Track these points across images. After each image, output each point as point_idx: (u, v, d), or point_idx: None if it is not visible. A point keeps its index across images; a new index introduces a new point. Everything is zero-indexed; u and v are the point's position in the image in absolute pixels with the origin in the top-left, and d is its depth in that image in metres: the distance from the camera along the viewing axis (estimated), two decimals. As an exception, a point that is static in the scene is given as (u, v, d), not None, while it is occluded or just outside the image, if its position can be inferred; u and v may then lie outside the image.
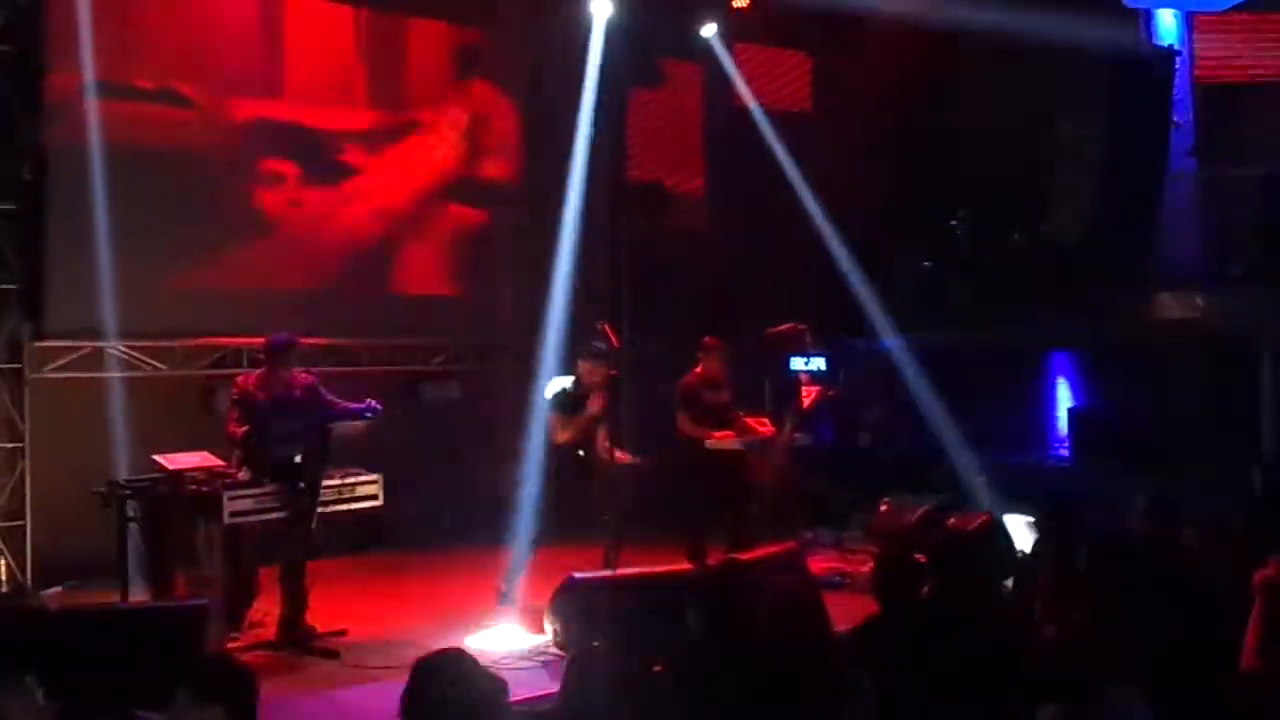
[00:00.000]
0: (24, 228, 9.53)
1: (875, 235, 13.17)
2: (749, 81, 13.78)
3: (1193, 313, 10.71)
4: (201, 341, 10.48)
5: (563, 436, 9.02)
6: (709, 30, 12.85)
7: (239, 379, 8.44)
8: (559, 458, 9.12)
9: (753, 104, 13.43)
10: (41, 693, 3.97)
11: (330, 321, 11.12)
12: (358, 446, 8.73)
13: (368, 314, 11.50)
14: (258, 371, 8.39)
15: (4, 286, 9.61)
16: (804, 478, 11.42)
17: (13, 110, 9.46)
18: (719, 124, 13.80)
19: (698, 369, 9.75)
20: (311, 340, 10.52)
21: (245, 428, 8.01)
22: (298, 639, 7.86)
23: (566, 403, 9.15)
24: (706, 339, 9.84)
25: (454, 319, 12.27)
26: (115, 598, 7.89)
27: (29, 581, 9.46)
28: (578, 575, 7.92)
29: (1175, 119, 11.19)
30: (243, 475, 7.86)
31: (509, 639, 7.96)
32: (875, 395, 13.38)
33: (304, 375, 8.40)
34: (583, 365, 9.15)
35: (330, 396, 8.35)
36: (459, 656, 3.80)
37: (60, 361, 9.87)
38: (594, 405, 9.00)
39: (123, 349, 10.15)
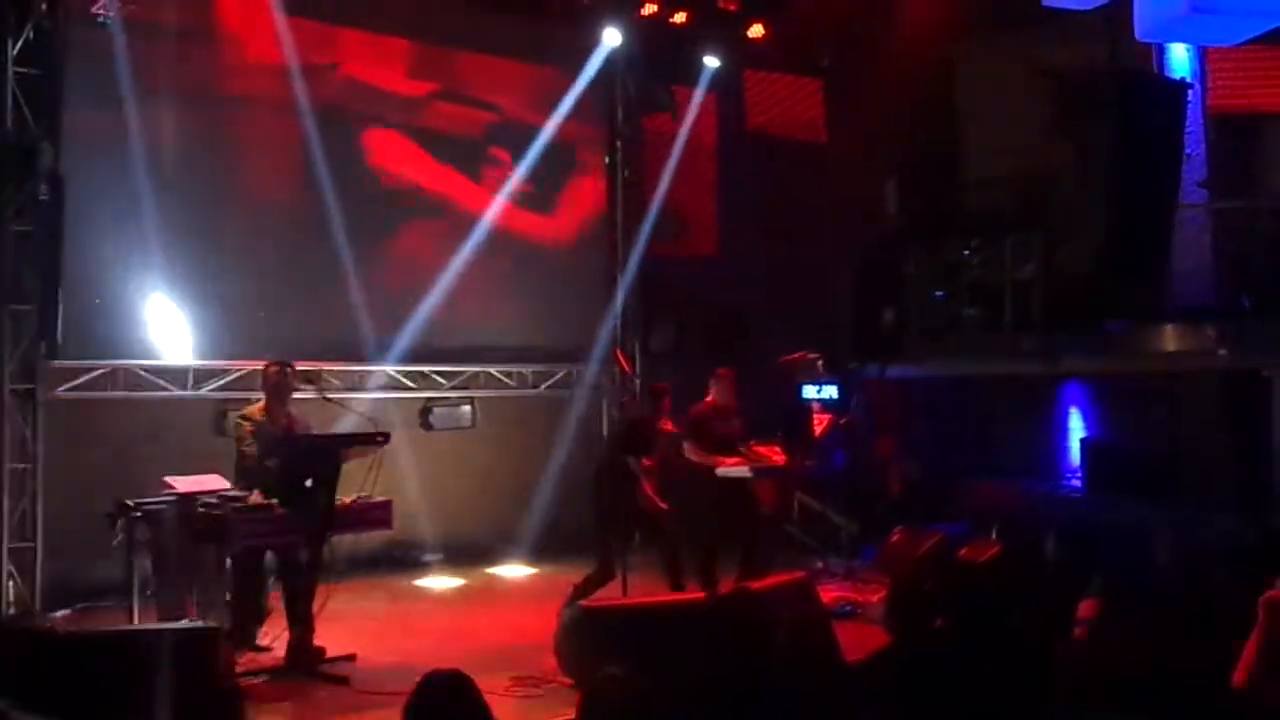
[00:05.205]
0: (41, 249, 9.53)
1: (888, 262, 13.17)
2: (762, 108, 13.87)
3: (1204, 344, 10.69)
4: (215, 364, 10.48)
5: None
6: (713, 61, 12.97)
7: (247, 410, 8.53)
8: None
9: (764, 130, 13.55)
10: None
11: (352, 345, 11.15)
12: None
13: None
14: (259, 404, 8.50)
15: (19, 306, 9.63)
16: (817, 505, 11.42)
17: (32, 133, 9.49)
18: (732, 150, 13.82)
19: (709, 398, 9.71)
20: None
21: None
22: (306, 663, 7.83)
23: None
24: (720, 369, 9.80)
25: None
26: (124, 621, 7.87)
27: (38, 604, 9.46)
28: (586, 604, 7.87)
29: (1187, 151, 11.19)
30: (253, 498, 7.84)
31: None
32: (888, 423, 13.37)
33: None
34: None
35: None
36: (461, 678, 3.85)
37: (74, 382, 9.90)
38: None
39: (136, 370, 10.19)
